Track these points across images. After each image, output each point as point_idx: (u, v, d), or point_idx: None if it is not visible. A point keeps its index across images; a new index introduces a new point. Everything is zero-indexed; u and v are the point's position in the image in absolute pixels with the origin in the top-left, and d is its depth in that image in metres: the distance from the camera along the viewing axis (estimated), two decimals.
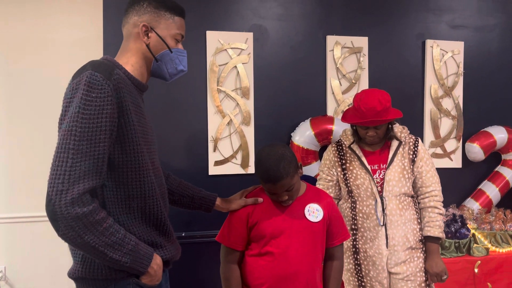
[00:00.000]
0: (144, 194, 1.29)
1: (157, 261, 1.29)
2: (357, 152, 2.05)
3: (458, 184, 3.16)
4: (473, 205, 3.07)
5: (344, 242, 2.03)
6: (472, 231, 2.78)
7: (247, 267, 1.59)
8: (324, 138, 2.80)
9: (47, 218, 1.12)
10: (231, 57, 2.79)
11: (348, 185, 2.04)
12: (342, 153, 2.09)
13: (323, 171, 2.14)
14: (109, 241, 1.16)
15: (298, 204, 1.60)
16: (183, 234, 2.70)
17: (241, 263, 1.62)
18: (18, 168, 2.84)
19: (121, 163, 1.23)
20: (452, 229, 2.70)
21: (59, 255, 2.81)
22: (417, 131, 3.08)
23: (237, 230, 1.59)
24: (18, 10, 2.82)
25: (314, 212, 1.59)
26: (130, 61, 1.37)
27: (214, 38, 2.77)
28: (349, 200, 2.06)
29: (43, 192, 2.78)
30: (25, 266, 2.84)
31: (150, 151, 1.35)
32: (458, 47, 3.13)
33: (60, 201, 1.10)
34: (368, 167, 2.01)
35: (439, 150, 3.13)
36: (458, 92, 3.14)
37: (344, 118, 2.01)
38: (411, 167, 2.02)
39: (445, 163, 3.13)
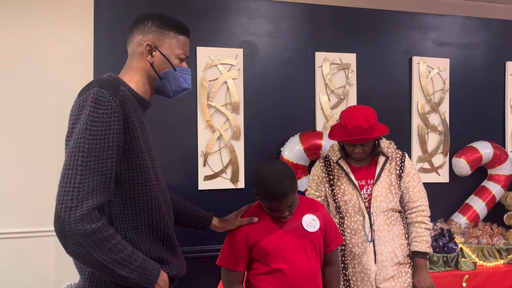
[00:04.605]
0: (151, 209, 1.30)
1: (163, 277, 1.29)
2: (344, 167, 2.07)
3: (446, 198, 3.19)
4: (460, 219, 3.10)
5: None
6: (460, 245, 2.81)
7: (255, 285, 1.59)
8: (313, 153, 2.82)
9: (33, 234, 1.12)
10: (221, 73, 2.82)
11: (336, 200, 2.06)
12: (329, 169, 2.11)
13: (311, 186, 2.16)
14: (118, 258, 1.16)
15: (294, 216, 1.62)
16: None
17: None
18: (4, 183, 2.81)
19: (128, 178, 1.24)
20: (440, 243, 2.72)
21: (45, 271, 2.77)
22: (405, 146, 3.12)
23: (238, 251, 1.60)
24: (9, 24, 2.83)
25: (311, 223, 1.61)
26: (133, 78, 1.38)
27: (204, 54, 2.79)
28: (337, 216, 2.07)
29: (29, 207, 2.77)
30: (10, 282, 2.79)
31: (154, 167, 1.36)
32: (444, 64, 3.20)
33: (69, 217, 1.10)
34: (356, 183, 2.03)
35: (426, 165, 3.16)
36: (445, 107, 3.20)
37: (331, 135, 2.03)
38: (398, 182, 2.04)
39: (432, 177, 3.17)
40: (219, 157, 2.82)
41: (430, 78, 3.17)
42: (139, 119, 1.32)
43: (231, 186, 2.83)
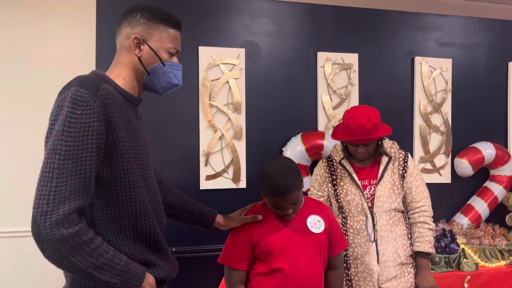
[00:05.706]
0: (136, 212, 1.25)
1: (149, 280, 1.24)
2: (347, 167, 2.06)
3: (448, 199, 3.19)
4: (462, 220, 3.09)
5: None
6: (462, 246, 2.80)
7: (254, 286, 1.57)
8: (315, 153, 2.81)
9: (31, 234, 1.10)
10: (223, 73, 2.81)
11: (339, 200, 2.05)
12: (332, 169, 2.10)
13: (314, 186, 2.15)
14: (98, 262, 1.12)
15: (299, 216, 1.60)
16: (173, 249, 2.67)
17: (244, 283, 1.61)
18: (5, 183, 2.81)
19: (110, 181, 1.20)
20: (442, 244, 2.72)
21: (46, 270, 2.76)
22: (407, 146, 3.11)
23: (240, 249, 1.58)
24: (10, 22, 2.83)
25: (316, 224, 1.59)
26: (121, 74, 1.32)
27: (206, 54, 2.79)
28: (340, 216, 2.07)
29: (30, 207, 2.76)
30: (11, 282, 2.79)
31: (143, 167, 1.31)
32: (446, 64, 3.19)
33: (45, 222, 1.06)
34: (359, 183, 2.02)
35: (428, 166, 3.16)
36: (447, 108, 3.19)
37: (334, 135, 2.02)
38: (401, 182, 2.03)
39: (434, 178, 3.16)
40: (221, 157, 2.81)
41: (432, 78, 3.16)
42: (125, 117, 1.26)
43: (232, 186, 2.82)
